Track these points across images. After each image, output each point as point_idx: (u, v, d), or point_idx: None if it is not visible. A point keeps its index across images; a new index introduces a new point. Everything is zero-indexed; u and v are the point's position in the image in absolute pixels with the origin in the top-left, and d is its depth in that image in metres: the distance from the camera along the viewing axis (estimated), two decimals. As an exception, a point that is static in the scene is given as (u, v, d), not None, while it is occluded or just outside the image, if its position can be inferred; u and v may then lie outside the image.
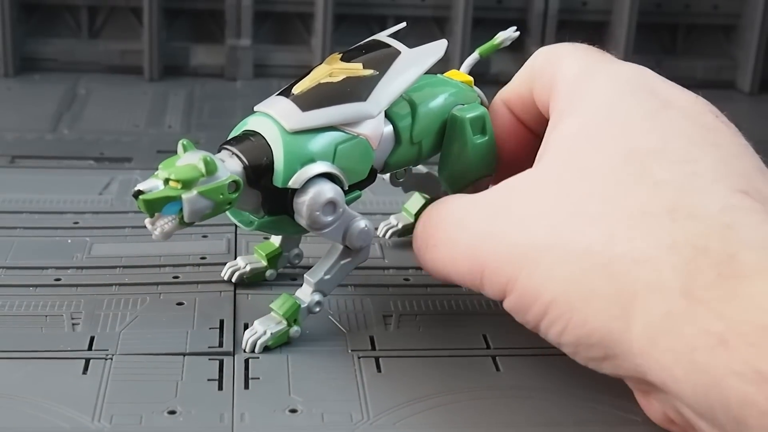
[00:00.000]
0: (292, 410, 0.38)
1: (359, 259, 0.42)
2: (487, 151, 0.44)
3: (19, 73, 0.74)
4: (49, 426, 0.36)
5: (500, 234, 0.37)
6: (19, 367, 0.39)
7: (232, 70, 0.75)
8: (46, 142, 0.63)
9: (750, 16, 0.78)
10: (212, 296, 0.45)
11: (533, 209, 0.37)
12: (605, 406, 0.39)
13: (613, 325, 0.33)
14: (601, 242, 0.34)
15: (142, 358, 0.40)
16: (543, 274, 0.35)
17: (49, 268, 0.47)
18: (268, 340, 0.41)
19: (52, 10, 0.76)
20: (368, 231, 0.41)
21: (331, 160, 0.40)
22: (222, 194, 0.38)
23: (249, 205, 0.41)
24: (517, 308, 0.37)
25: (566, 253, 0.35)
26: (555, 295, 0.35)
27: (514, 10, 0.78)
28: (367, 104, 0.41)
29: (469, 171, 0.44)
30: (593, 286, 0.34)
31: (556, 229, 0.35)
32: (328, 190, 0.40)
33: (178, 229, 0.39)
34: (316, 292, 0.42)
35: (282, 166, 0.39)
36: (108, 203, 0.54)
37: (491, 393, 0.39)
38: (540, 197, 0.37)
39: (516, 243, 0.36)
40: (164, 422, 0.37)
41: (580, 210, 0.35)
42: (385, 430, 0.37)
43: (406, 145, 0.43)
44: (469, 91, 0.45)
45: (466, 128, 0.43)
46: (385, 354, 0.42)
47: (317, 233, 0.41)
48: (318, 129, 0.40)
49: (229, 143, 0.40)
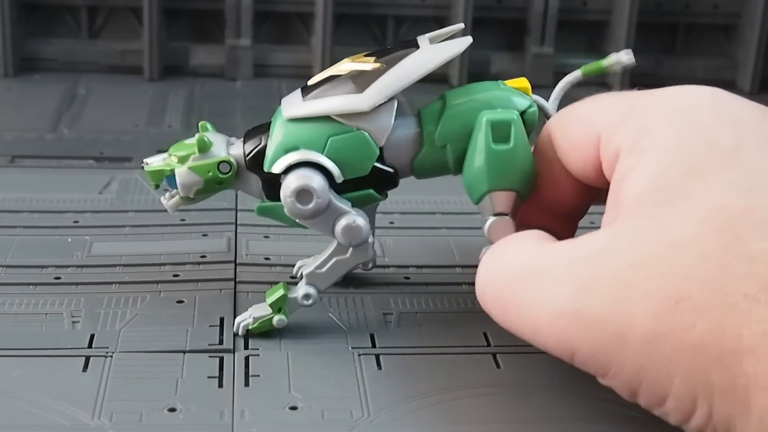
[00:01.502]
0: (293, 407, 0.38)
1: (356, 257, 0.41)
2: (508, 161, 0.39)
3: (19, 73, 0.74)
4: (49, 423, 0.36)
5: (593, 317, 0.33)
6: (20, 365, 0.39)
7: (232, 70, 0.75)
8: (46, 141, 0.63)
9: (750, 16, 0.78)
10: (212, 294, 0.45)
11: (626, 289, 0.33)
12: (606, 403, 0.39)
13: (737, 420, 0.32)
14: (711, 335, 0.32)
15: (142, 356, 0.40)
16: (655, 370, 0.32)
17: (49, 266, 0.47)
18: (249, 324, 0.42)
19: (52, 10, 0.76)
20: (356, 228, 0.40)
21: (321, 151, 0.40)
22: (210, 172, 0.41)
23: (254, 190, 0.42)
24: (620, 390, 0.34)
25: (680, 348, 0.32)
26: (672, 390, 0.33)
27: (514, 9, 0.78)
28: (361, 97, 0.40)
29: (481, 180, 0.40)
30: (712, 380, 0.32)
31: (661, 320, 0.32)
32: (303, 178, 0.39)
33: (183, 204, 0.42)
34: (308, 285, 0.41)
35: (271, 152, 0.40)
36: (108, 202, 0.54)
37: (492, 390, 0.39)
38: (630, 274, 0.33)
39: (615, 331, 0.33)
40: (164, 419, 0.37)
41: (683, 296, 0.32)
42: (385, 428, 0.37)
43: (431, 147, 0.41)
44: (516, 96, 0.41)
45: (483, 131, 0.39)
46: (385, 351, 0.42)
47: (306, 224, 0.41)
48: (314, 119, 0.40)
49: (249, 130, 0.42)
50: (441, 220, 0.53)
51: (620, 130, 0.36)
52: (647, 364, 0.33)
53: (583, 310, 0.34)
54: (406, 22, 0.78)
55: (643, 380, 0.33)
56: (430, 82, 0.41)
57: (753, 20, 0.77)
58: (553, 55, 0.78)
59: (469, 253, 0.50)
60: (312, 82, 0.41)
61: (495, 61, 0.78)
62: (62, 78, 0.74)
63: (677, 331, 0.32)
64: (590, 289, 0.34)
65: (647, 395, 0.33)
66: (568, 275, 0.34)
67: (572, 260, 0.35)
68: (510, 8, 0.78)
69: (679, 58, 0.80)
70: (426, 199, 0.54)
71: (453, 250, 0.50)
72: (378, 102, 0.39)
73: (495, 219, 0.40)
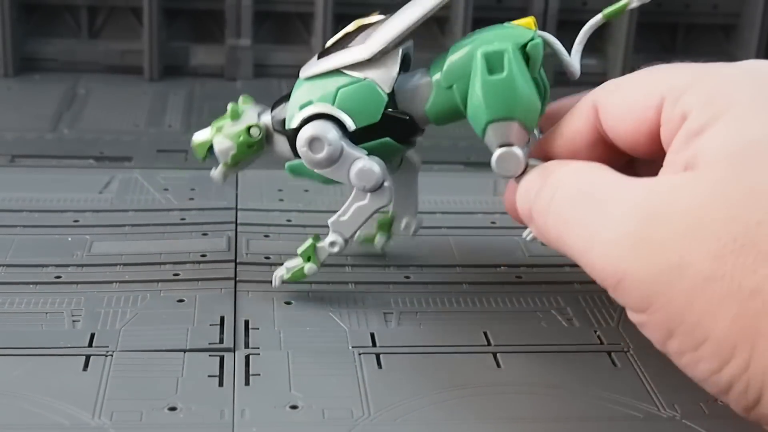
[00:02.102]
0: (293, 406, 0.38)
1: (375, 202, 0.43)
2: (504, 90, 0.40)
3: (19, 73, 0.74)
4: (50, 423, 0.36)
5: (653, 245, 0.33)
6: (20, 364, 0.39)
7: (232, 70, 0.75)
8: (46, 141, 0.63)
9: (750, 16, 0.78)
10: (213, 293, 0.45)
11: (694, 227, 0.33)
12: (607, 402, 0.39)
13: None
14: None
15: (143, 355, 0.40)
16: (702, 308, 0.32)
17: (49, 265, 0.47)
18: (284, 275, 0.44)
19: (52, 10, 0.76)
20: (369, 171, 0.42)
21: (332, 102, 0.42)
22: (241, 136, 0.44)
23: (284, 151, 0.44)
24: (656, 329, 0.34)
25: (734, 290, 0.32)
26: (713, 333, 0.32)
27: (514, 9, 0.78)
28: (363, 47, 0.42)
29: (480, 112, 0.40)
30: (760, 327, 0.31)
31: (723, 261, 0.32)
32: (313, 128, 0.42)
33: (227, 172, 0.45)
34: (334, 233, 0.43)
35: (289, 110, 0.43)
36: (108, 202, 0.54)
37: (492, 389, 0.39)
38: (701, 213, 0.33)
39: (673, 263, 0.33)
40: (165, 419, 0.37)
41: (749, 241, 0.32)
42: (385, 427, 0.37)
43: (439, 91, 0.42)
44: (519, 32, 0.41)
45: (478, 63, 0.40)
46: (385, 351, 0.42)
47: (324, 174, 0.42)
48: (325, 75, 0.42)
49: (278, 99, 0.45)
50: (441, 220, 0.53)
51: (690, 92, 0.36)
52: (697, 301, 0.32)
53: (647, 236, 0.34)
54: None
55: (686, 319, 0.33)
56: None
57: (753, 20, 0.77)
58: (553, 55, 0.77)
59: (469, 253, 0.50)
60: (328, 44, 0.44)
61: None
62: (62, 78, 0.74)
63: (737, 273, 0.32)
64: (660, 219, 0.34)
65: (684, 336, 0.33)
66: (641, 203, 0.34)
67: (648, 191, 0.35)
68: (510, 8, 0.78)
69: (679, 58, 0.79)
70: (426, 199, 0.54)
71: (453, 250, 0.50)
72: (376, 49, 0.42)
73: (501, 150, 0.40)
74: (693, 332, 0.33)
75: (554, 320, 0.45)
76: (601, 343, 0.43)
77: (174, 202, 0.55)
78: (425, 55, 0.78)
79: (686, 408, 0.38)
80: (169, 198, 0.55)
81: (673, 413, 0.38)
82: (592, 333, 0.44)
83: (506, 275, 0.48)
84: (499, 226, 0.44)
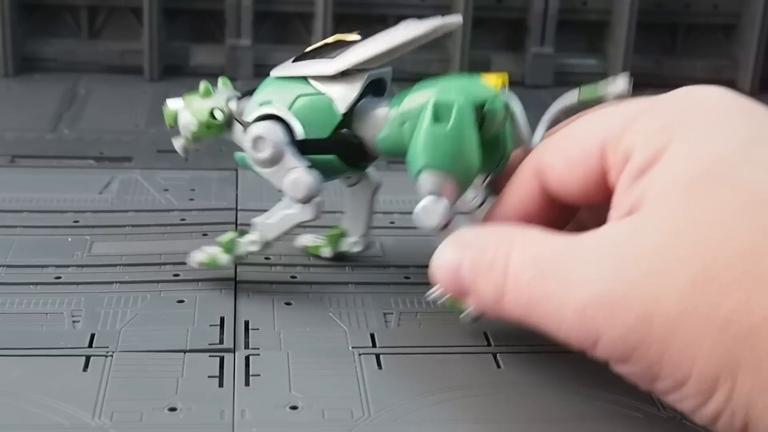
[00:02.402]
0: (293, 407, 0.38)
1: (302, 214, 0.43)
2: (444, 141, 0.40)
3: (19, 73, 0.74)
4: (50, 423, 0.36)
5: (619, 302, 0.33)
6: (20, 364, 0.39)
7: (232, 70, 0.75)
8: (46, 141, 0.63)
9: (750, 16, 0.78)
10: (212, 294, 0.45)
11: (653, 272, 0.33)
12: (607, 402, 0.39)
13: (759, 399, 0.32)
14: (739, 313, 0.32)
15: (143, 355, 0.40)
16: (679, 349, 0.32)
17: (49, 266, 0.47)
18: (200, 256, 0.45)
19: (52, 10, 0.76)
20: (302, 182, 0.42)
21: (289, 107, 0.42)
22: (203, 115, 0.44)
23: (243, 140, 0.44)
24: (640, 376, 0.34)
25: (705, 326, 0.32)
26: (694, 370, 0.32)
27: (514, 10, 0.78)
28: (330, 62, 0.42)
29: (417, 155, 0.40)
30: (737, 358, 0.32)
31: (689, 298, 0.32)
32: (262, 128, 0.42)
33: (188, 145, 0.45)
34: (256, 233, 0.44)
35: (249, 104, 0.43)
36: (108, 202, 0.54)
37: (492, 390, 0.39)
38: (657, 256, 0.33)
39: (641, 313, 0.33)
40: (165, 419, 0.37)
41: (710, 274, 0.32)
42: (385, 427, 0.37)
43: (394, 126, 0.42)
44: (482, 89, 0.41)
45: (427, 109, 0.40)
46: (385, 351, 0.42)
47: (262, 174, 0.43)
48: (292, 79, 0.43)
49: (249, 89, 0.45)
50: (441, 219, 0.53)
51: (629, 132, 0.36)
52: (673, 342, 0.32)
53: (609, 293, 0.34)
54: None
55: (666, 362, 0.33)
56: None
57: (753, 20, 0.77)
58: (553, 55, 0.78)
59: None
60: (308, 50, 0.44)
61: (495, 61, 0.78)
62: (62, 78, 0.74)
63: (703, 309, 0.32)
64: (618, 273, 0.34)
65: (668, 379, 0.33)
66: (597, 261, 0.34)
67: (601, 246, 0.35)
68: (510, 8, 0.78)
69: (679, 58, 0.80)
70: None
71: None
72: (341, 68, 0.42)
73: (428, 199, 0.40)
74: (675, 373, 0.33)
75: (554, 320, 0.45)
76: (601, 344, 0.43)
77: (174, 203, 0.55)
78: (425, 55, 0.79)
79: (686, 408, 0.38)
80: (169, 198, 0.55)
81: (673, 413, 0.38)
82: (592, 333, 0.44)
83: (506, 275, 0.48)
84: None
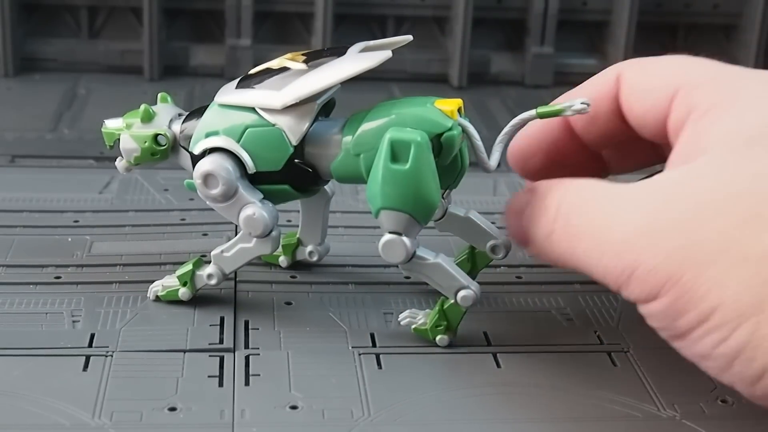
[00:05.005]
0: (293, 407, 0.38)
1: (259, 248, 0.42)
2: (402, 182, 0.39)
3: (19, 73, 0.74)
4: (50, 423, 0.36)
5: (661, 233, 0.34)
6: (20, 364, 0.39)
7: (232, 70, 0.75)
8: (46, 141, 0.63)
9: (750, 16, 0.78)
10: (212, 293, 0.45)
11: (702, 209, 0.34)
12: (606, 402, 0.39)
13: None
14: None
15: (143, 355, 0.40)
16: (712, 278, 0.33)
17: (49, 266, 0.47)
18: (159, 291, 0.44)
19: (52, 10, 0.76)
20: (257, 219, 0.41)
21: (238, 139, 0.41)
22: (147, 142, 0.43)
23: (188, 166, 0.43)
24: (666, 312, 0.34)
25: (741, 259, 0.33)
26: (723, 301, 0.33)
27: (514, 10, 0.78)
28: (278, 94, 0.40)
29: (376, 195, 0.39)
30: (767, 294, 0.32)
31: (729, 234, 0.33)
32: (212, 164, 0.41)
33: (130, 167, 0.44)
34: (214, 265, 0.43)
35: (195, 134, 0.42)
36: (108, 202, 0.54)
37: (492, 389, 0.39)
38: (707, 195, 0.34)
39: (681, 245, 0.34)
40: (165, 419, 0.37)
41: (755, 214, 0.33)
42: (385, 427, 0.37)
43: (346, 154, 0.40)
44: (437, 119, 0.39)
45: (384, 147, 0.39)
46: (385, 351, 0.42)
47: (215, 208, 0.42)
48: (240, 108, 0.41)
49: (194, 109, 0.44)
50: (441, 219, 0.53)
51: (702, 89, 0.38)
52: (707, 273, 0.33)
53: (656, 225, 0.34)
54: (406, 22, 0.78)
55: (696, 293, 0.33)
56: (427, 81, 0.41)
57: (753, 20, 0.77)
58: (553, 55, 0.78)
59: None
60: (252, 72, 0.43)
61: (495, 61, 0.78)
62: (62, 78, 0.74)
63: (744, 243, 0.33)
64: (667, 207, 0.35)
65: (694, 312, 0.33)
66: (647, 198, 0.36)
67: (653, 186, 0.36)
68: (510, 8, 0.78)
69: (679, 58, 0.80)
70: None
71: (453, 250, 0.50)
72: (288, 102, 0.40)
73: (389, 237, 0.40)
74: (702, 305, 0.33)
75: (554, 320, 0.45)
76: (601, 343, 0.43)
77: (174, 203, 0.55)
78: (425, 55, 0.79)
79: (686, 408, 0.38)
80: (169, 198, 0.55)
81: (673, 413, 0.38)
82: (592, 333, 0.44)
83: (506, 275, 0.48)
84: (499, 226, 0.44)
